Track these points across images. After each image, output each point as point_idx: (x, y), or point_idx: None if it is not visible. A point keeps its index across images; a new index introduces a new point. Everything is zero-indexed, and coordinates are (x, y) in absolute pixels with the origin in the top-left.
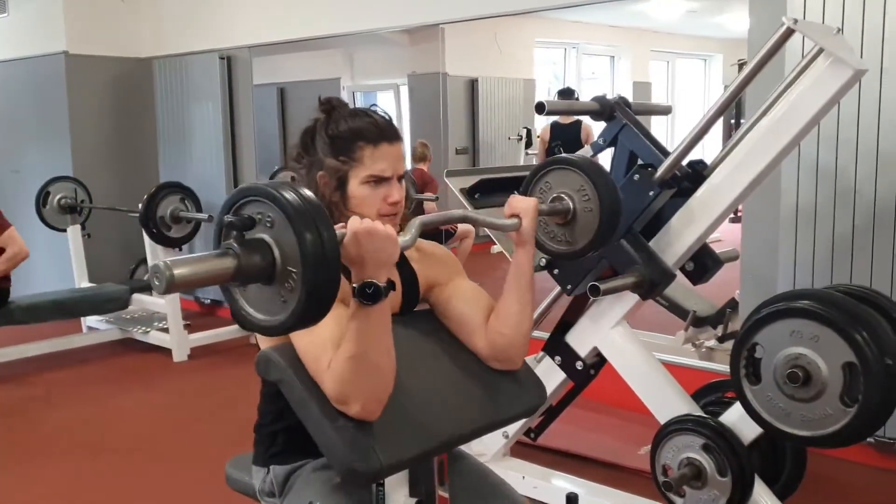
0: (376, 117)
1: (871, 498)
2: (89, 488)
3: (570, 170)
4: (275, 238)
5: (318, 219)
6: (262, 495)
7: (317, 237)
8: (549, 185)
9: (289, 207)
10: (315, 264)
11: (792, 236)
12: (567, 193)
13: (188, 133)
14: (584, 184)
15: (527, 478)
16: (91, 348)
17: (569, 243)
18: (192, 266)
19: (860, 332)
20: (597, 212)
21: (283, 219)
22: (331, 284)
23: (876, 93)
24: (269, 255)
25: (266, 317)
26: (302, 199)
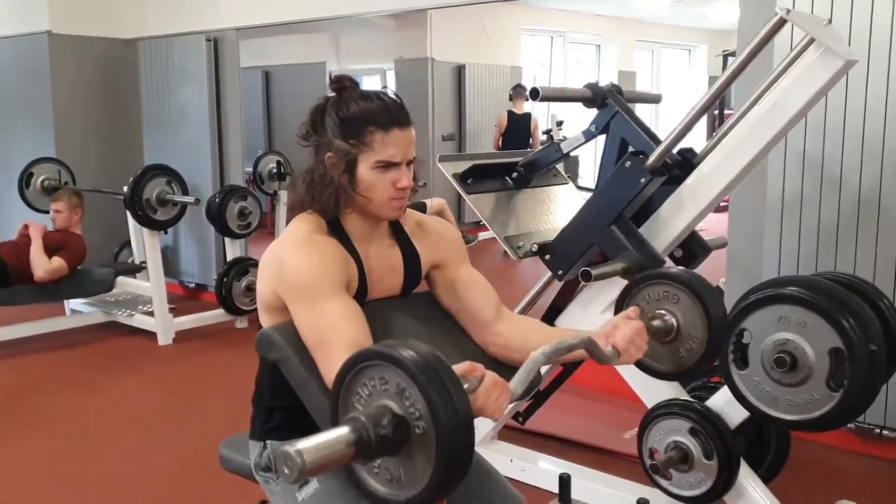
0: (388, 100)
1: (851, 481)
2: (77, 472)
3: (670, 284)
4: (401, 405)
5: (447, 380)
6: (258, 469)
7: (449, 403)
8: (646, 300)
9: (414, 369)
10: (451, 441)
11: (778, 225)
12: (668, 309)
13: (174, 115)
14: (685, 297)
15: (515, 461)
16: (75, 331)
17: (676, 362)
18: (324, 451)
19: (847, 318)
20: (703, 331)
21: (413, 389)
22: (466, 460)
23: (863, 83)
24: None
25: (389, 490)
26: (425, 358)
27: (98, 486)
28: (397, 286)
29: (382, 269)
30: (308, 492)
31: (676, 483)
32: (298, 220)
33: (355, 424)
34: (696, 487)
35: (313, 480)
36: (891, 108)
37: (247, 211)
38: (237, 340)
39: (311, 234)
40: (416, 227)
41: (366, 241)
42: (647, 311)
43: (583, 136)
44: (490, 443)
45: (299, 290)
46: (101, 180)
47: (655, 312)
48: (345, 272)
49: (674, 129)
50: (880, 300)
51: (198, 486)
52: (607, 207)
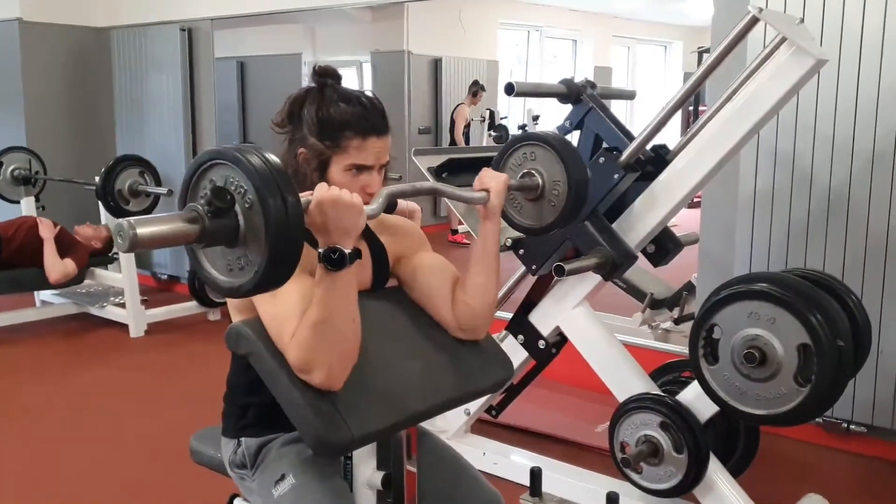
0: (368, 106)
1: (819, 475)
2: (46, 464)
3: (542, 146)
4: (239, 202)
5: (282, 184)
6: (233, 467)
7: (280, 202)
8: (520, 160)
9: (254, 172)
10: (278, 229)
11: (749, 221)
12: (538, 170)
13: (147, 106)
14: (551, 158)
15: (487, 454)
16: (45, 323)
17: (536, 219)
18: (157, 226)
19: (815, 314)
20: (565, 189)
21: (248, 183)
22: (293, 249)
23: (834, 82)
24: (233, 219)
25: (229, 279)
26: (267, 165)
27: (67, 477)
28: (367, 280)
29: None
30: (284, 488)
31: (647, 476)
32: None
33: (192, 213)
34: (666, 481)
35: (289, 476)
36: (861, 107)
37: None
38: (209, 332)
39: None
40: (379, 223)
41: None
42: (517, 170)
43: (557, 131)
44: (463, 436)
45: None
46: (73, 170)
47: (524, 171)
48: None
49: (647, 125)
50: (848, 297)
51: (167, 478)
52: None
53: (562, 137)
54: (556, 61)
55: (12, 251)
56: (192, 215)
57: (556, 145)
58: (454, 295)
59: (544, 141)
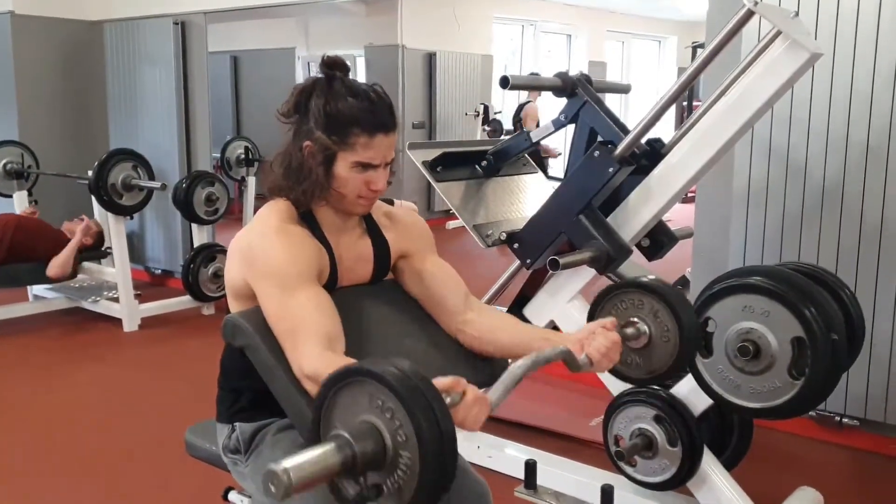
0: (377, 103)
1: (812, 469)
2: (40, 459)
3: (647, 294)
4: (386, 423)
5: (432, 399)
6: (227, 451)
7: (434, 425)
8: (622, 307)
9: (401, 389)
10: (433, 450)
11: (743, 215)
12: (642, 317)
13: (140, 100)
14: (661, 309)
15: (481, 447)
16: (38, 317)
17: (643, 368)
18: (310, 468)
19: (809, 308)
20: (675, 339)
21: (395, 402)
22: (448, 472)
23: (828, 76)
24: (378, 440)
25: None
26: (410, 377)
27: (61, 472)
28: (367, 275)
29: (352, 259)
30: None
31: (641, 469)
32: (269, 208)
33: (339, 441)
34: (660, 474)
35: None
36: (855, 100)
37: (214, 197)
38: (203, 327)
39: (283, 222)
40: (385, 217)
41: (336, 230)
42: (620, 316)
43: (552, 125)
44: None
45: (270, 278)
46: (66, 164)
47: (629, 320)
48: (316, 262)
49: (642, 119)
50: (842, 290)
51: (162, 472)
52: (576, 197)
53: (668, 285)
54: (551, 56)
55: (5, 251)
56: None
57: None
58: (466, 316)
59: (650, 290)
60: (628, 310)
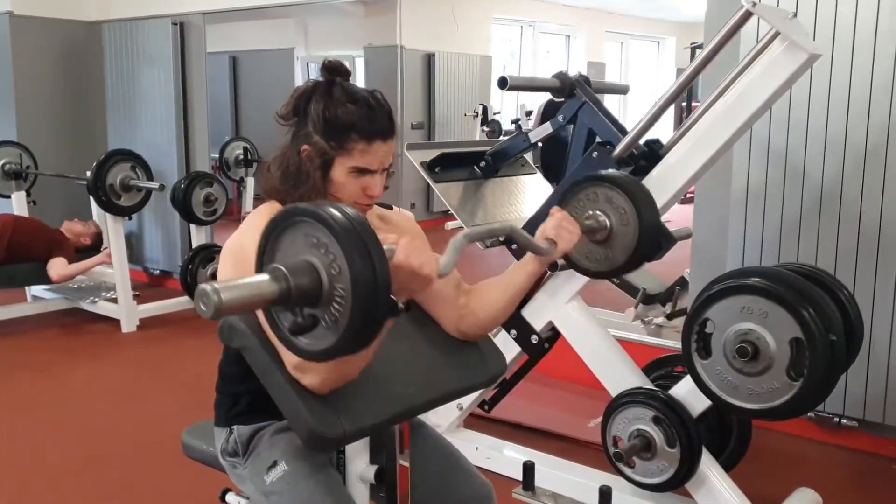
0: (377, 109)
1: (811, 470)
2: (38, 459)
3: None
4: (322, 260)
5: (368, 240)
6: (225, 455)
7: (367, 260)
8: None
9: (337, 227)
10: (366, 290)
11: (742, 216)
12: (605, 211)
13: (138, 100)
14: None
15: (480, 448)
16: (36, 318)
17: (605, 261)
18: (241, 291)
19: (807, 309)
20: (635, 229)
21: (331, 240)
22: (381, 308)
23: (827, 76)
24: (316, 279)
25: (309, 341)
26: (350, 219)
27: (58, 472)
28: None
29: None
30: (276, 474)
31: (639, 471)
32: (261, 210)
33: (275, 273)
34: (659, 475)
35: (282, 463)
36: (853, 101)
37: (213, 197)
38: (201, 328)
39: None
40: (378, 220)
41: None
42: (583, 210)
43: (550, 126)
44: (456, 431)
45: None
46: (64, 165)
47: (590, 213)
48: None
49: (641, 119)
50: (840, 291)
51: (160, 473)
52: None
53: (628, 177)
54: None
55: (4, 251)
56: (277, 278)
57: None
58: (462, 301)
59: (610, 181)
60: (586, 205)
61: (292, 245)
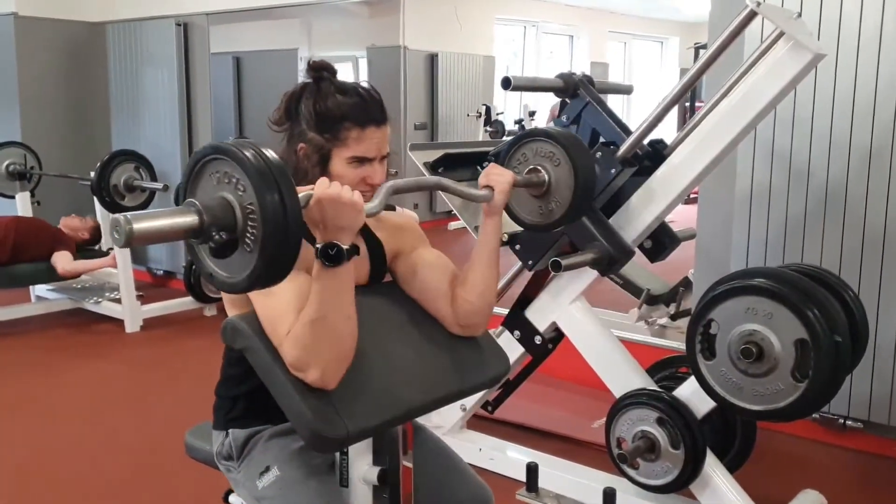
0: (366, 96)
1: (815, 471)
2: (41, 458)
3: (546, 141)
4: (237, 197)
5: (279, 180)
6: (220, 458)
7: (277, 198)
8: (525, 156)
9: (251, 167)
10: (274, 225)
11: (746, 216)
12: (543, 165)
13: (142, 101)
14: (559, 155)
15: (483, 450)
16: (40, 318)
17: (544, 215)
18: (154, 220)
19: (812, 309)
20: (571, 183)
21: (245, 178)
22: (290, 246)
23: (831, 77)
24: (230, 214)
25: (228, 275)
26: (264, 160)
27: (62, 472)
28: (363, 276)
29: None
30: (268, 479)
31: (643, 472)
32: None
33: (189, 207)
34: (663, 476)
35: (274, 468)
36: (858, 102)
37: None
38: (205, 328)
39: None
40: (375, 219)
41: None
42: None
43: (554, 125)
44: (459, 432)
45: None
46: (68, 165)
47: (530, 167)
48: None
49: (644, 120)
50: (845, 292)
51: (163, 473)
52: None
53: (568, 132)
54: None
55: (9, 251)
56: (190, 211)
57: (563, 141)
58: (454, 292)
59: (550, 136)
60: (533, 158)
61: (209, 182)
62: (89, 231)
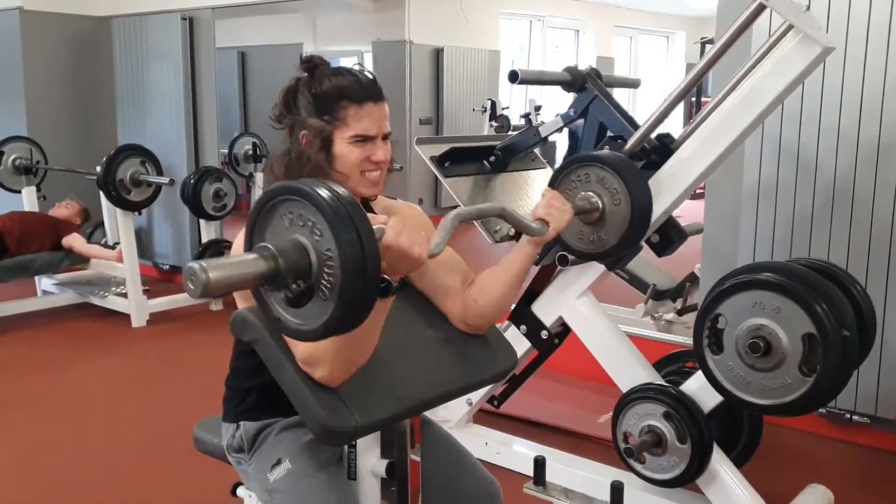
0: (360, 76)
1: (822, 466)
2: (49, 452)
3: (600, 167)
4: (313, 242)
5: (360, 225)
6: (230, 451)
7: (358, 247)
8: (579, 180)
9: (329, 211)
10: (354, 273)
11: (753, 211)
12: (596, 191)
13: (148, 95)
14: (613, 182)
15: (490, 444)
16: (46, 312)
17: (597, 243)
18: (229, 269)
19: (820, 304)
20: (627, 210)
21: (322, 222)
22: (369, 293)
23: (839, 71)
24: (305, 258)
25: (300, 321)
26: (342, 202)
27: (69, 466)
28: None
29: None
30: (280, 472)
31: (650, 466)
32: None
33: (263, 252)
34: (670, 471)
35: (286, 461)
36: (867, 96)
37: (222, 193)
38: (211, 323)
39: None
40: (385, 211)
41: None
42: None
43: (561, 119)
44: (465, 426)
45: None
46: (74, 160)
47: (582, 194)
48: None
49: (652, 113)
50: (853, 286)
51: (169, 467)
52: None
53: (622, 157)
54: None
55: (15, 239)
56: (266, 257)
57: (619, 167)
58: (466, 294)
59: (605, 162)
60: (578, 186)
61: (281, 224)
62: (79, 215)
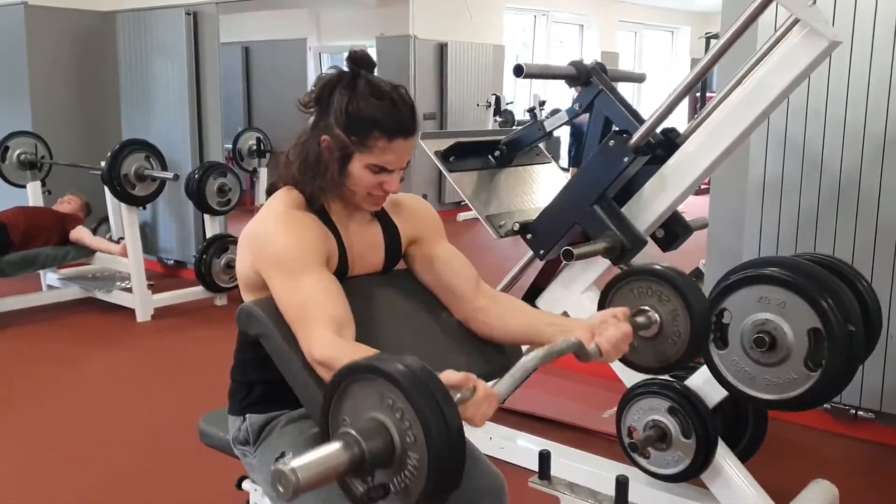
0: (400, 107)
1: (826, 461)
2: (54, 447)
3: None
4: (392, 417)
5: (439, 396)
6: (236, 443)
7: (440, 419)
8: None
9: (409, 388)
10: (441, 450)
11: (758, 206)
12: (651, 305)
13: (152, 90)
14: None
15: (494, 438)
16: (51, 307)
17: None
18: (317, 467)
19: (825, 298)
20: (686, 328)
21: (403, 401)
22: (457, 473)
23: (846, 66)
24: (388, 440)
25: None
26: (417, 374)
27: (74, 461)
28: (379, 263)
29: (363, 246)
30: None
31: (654, 461)
32: (277, 197)
33: (347, 440)
34: (674, 466)
35: (289, 454)
36: (872, 91)
37: (226, 188)
38: (216, 317)
39: (290, 209)
40: (394, 204)
41: (346, 218)
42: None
43: (566, 114)
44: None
45: (277, 263)
46: (79, 155)
47: (639, 308)
48: (323, 247)
49: (658, 108)
50: (858, 281)
51: (175, 461)
52: (590, 187)
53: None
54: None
55: (20, 234)
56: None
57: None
58: (476, 303)
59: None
60: (639, 298)
61: (362, 402)
62: (82, 209)
